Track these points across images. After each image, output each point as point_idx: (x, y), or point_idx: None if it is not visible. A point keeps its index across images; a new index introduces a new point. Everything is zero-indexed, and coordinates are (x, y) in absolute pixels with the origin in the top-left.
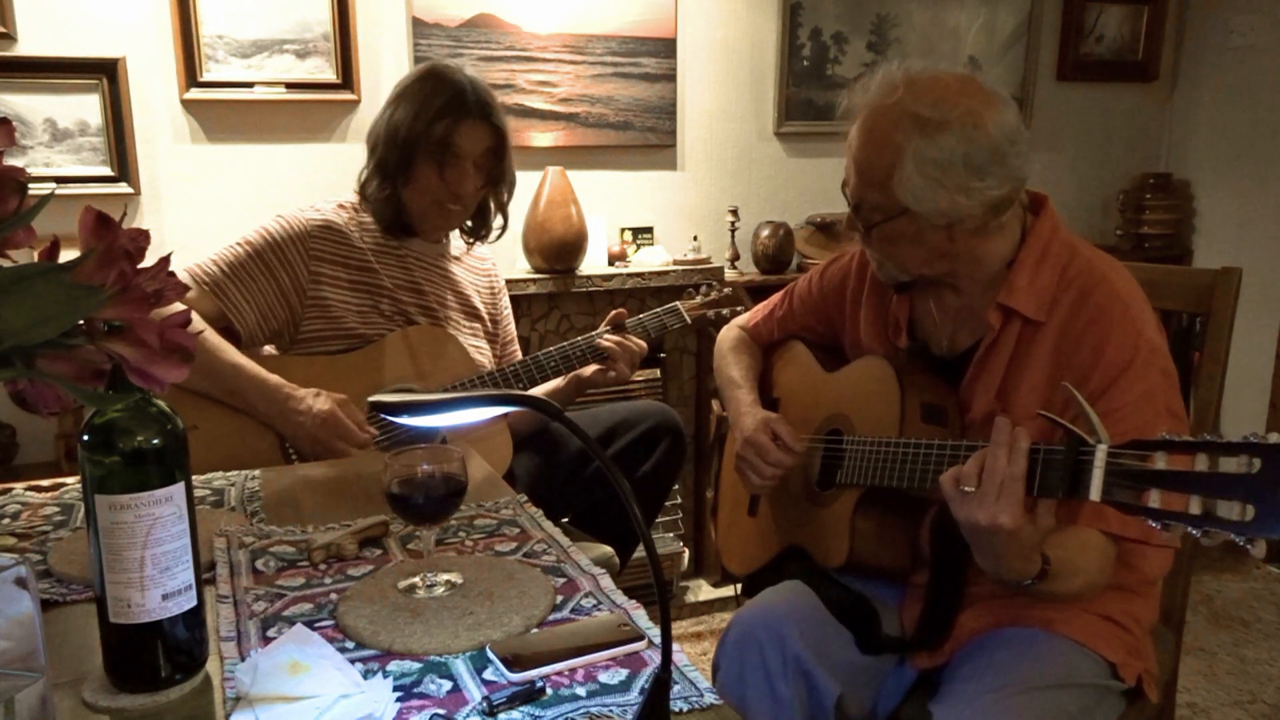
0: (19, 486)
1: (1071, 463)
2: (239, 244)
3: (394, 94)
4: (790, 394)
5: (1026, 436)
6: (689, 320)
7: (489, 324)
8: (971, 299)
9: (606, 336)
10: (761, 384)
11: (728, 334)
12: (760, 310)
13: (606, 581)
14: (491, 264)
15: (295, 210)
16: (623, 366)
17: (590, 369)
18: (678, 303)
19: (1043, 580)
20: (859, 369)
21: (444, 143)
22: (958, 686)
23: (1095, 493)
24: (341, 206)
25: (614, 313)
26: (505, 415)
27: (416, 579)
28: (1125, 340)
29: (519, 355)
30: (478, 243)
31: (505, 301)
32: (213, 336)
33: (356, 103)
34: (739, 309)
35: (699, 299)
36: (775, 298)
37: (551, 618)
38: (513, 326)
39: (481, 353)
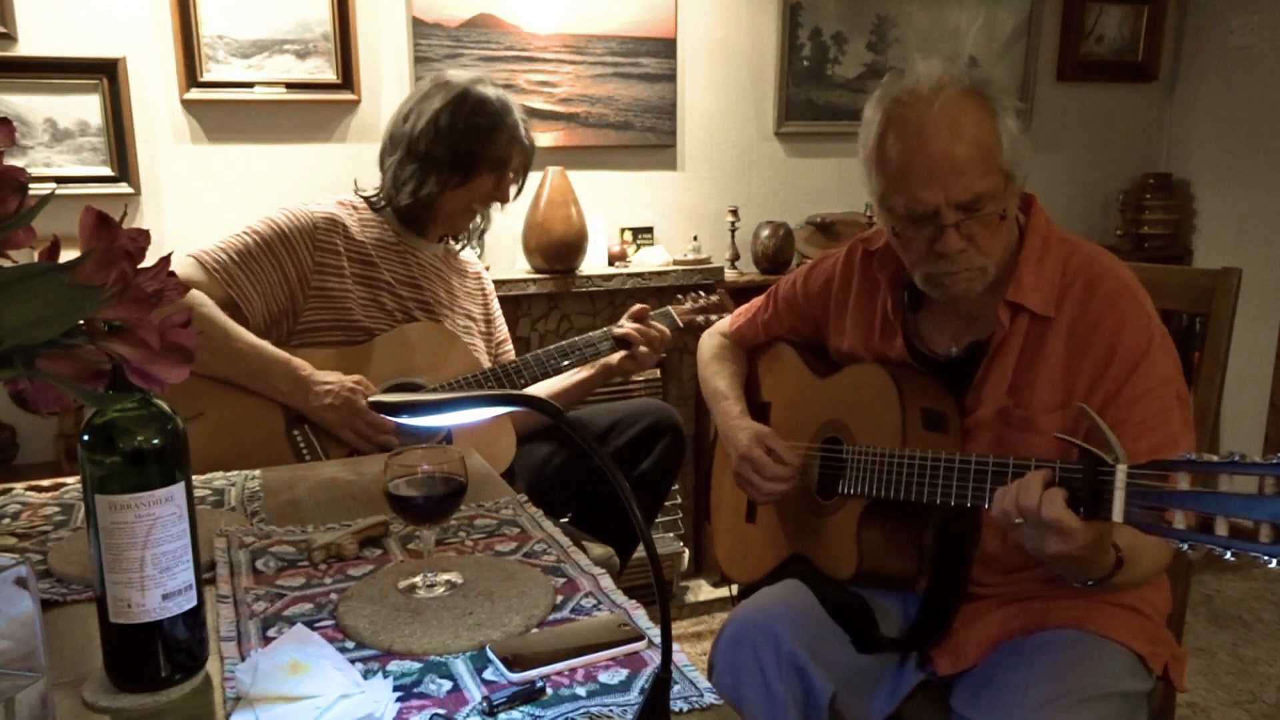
0: (19, 486)
1: (1090, 482)
2: (246, 233)
3: (457, 88)
4: (781, 400)
5: (1038, 482)
6: (681, 324)
7: (482, 324)
8: (974, 299)
9: (624, 325)
10: (748, 387)
11: (708, 341)
12: (743, 313)
13: (606, 581)
14: (480, 267)
15: (299, 204)
16: (644, 350)
17: (617, 356)
18: (670, 307)
19: (1120, 569)
20: (854, 375)
21: (503, 157)
22: (1004, 697)
23: (1118, 514)
24: (341, 204)
25: (636, 307)
26: (508, 416)
27: (416, 579)
28: (1139, 328)
29: (512, 356)
30: (468, 245)
31: (496, 304)
32: (229, 321)
33: (356, 103)
34: (725, 315)
35: (689, 304)
36: (758, 301)
37: (551, 618)
38: (505, 328)
39: (477, 351)
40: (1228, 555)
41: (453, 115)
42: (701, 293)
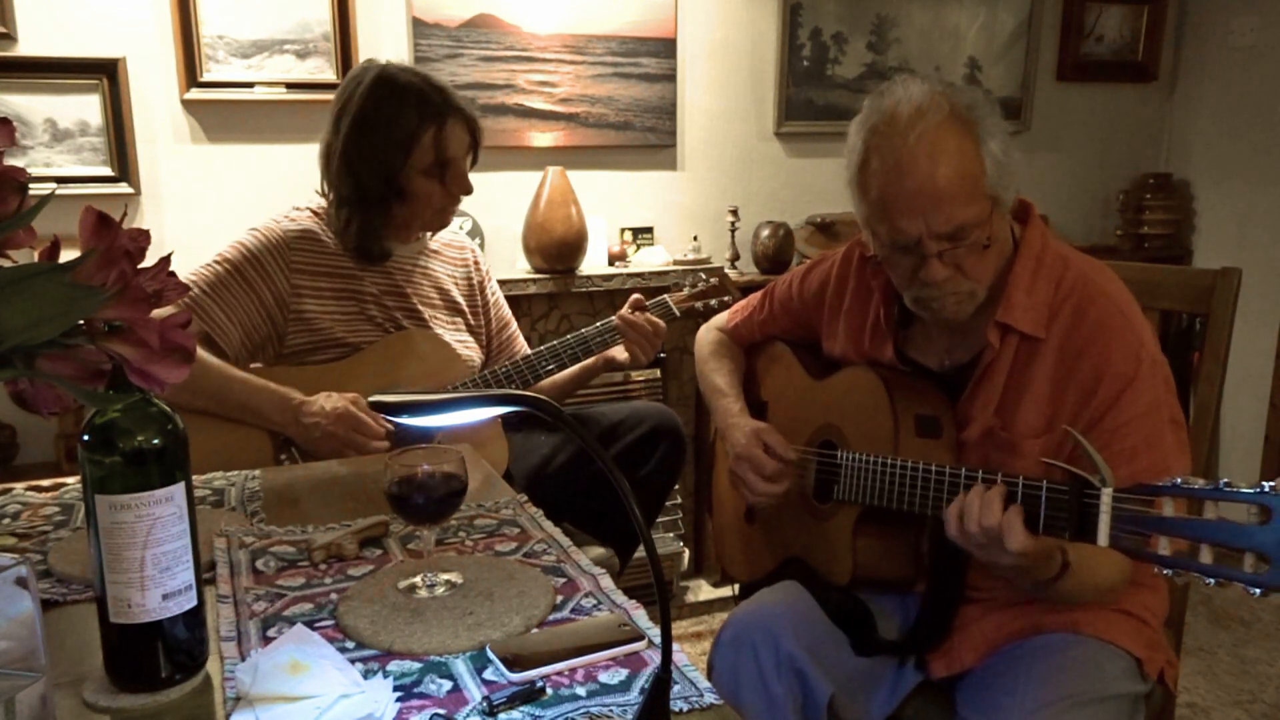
0: (19, 486)
1: (1077, 505)
2: (216, 261)
3: (349, 112)
4: (778, 401)
5: (999, 502)
6: (678, 313)
7: (469, 316)
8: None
9: (620, 314)
10: (746, 385)
11: (707, 336)
12: (739, 311)
13: (606, 581)
14: (469, 252)
15: (269, 221)
16: (633, 346)
17: (621, 350)
18: (665, 296)
19: (1064, 576)
20: (847, 379)
21: (439, 156)
22: (1001, 700)
23: (1103, 538)
24: (315, 214)
25: (634, 297)
26: (499, 418)
27: (416, 579)
28: (1128, 354)
29: (519, 338)
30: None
31: (492, 286)
32: (211, 357)
33: None
34: (726, 299)
35: (686, 291)
36: (754, 298)
37: (551, 618)
38: (506, 309)
39: (468, 347)
40: (1211, 582)
41: (351, 143)
42: (702, 275)
